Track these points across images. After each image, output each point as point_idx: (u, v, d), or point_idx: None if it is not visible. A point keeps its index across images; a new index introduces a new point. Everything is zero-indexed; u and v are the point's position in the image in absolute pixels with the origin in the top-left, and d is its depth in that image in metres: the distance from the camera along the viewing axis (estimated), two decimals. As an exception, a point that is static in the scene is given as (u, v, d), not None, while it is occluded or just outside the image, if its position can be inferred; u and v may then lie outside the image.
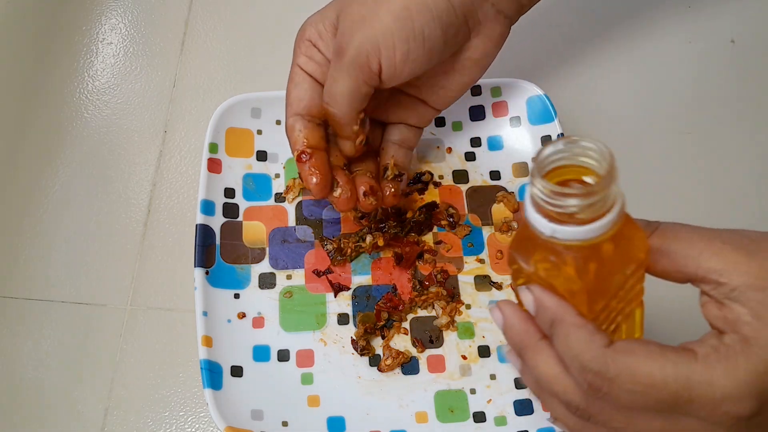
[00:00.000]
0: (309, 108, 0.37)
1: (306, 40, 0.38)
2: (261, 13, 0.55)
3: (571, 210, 0.23)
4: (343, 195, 0.38)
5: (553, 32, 0.53)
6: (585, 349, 0.24)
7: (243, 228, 0.43)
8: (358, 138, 0.37)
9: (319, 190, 0.37)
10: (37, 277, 0.45)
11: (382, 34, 0.34)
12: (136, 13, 0.55)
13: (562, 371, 0.26)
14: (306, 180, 0.37)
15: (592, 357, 0.24)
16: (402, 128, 0.41)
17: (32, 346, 0.42)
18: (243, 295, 0.41)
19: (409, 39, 0.34)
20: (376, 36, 0.34)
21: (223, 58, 0.53)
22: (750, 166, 0.49)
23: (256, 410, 0.37)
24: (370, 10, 0.34)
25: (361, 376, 0.39)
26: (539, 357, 0.26)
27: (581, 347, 0.24)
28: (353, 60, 0.34)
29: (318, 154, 0.37)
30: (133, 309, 0.44)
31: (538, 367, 0.26)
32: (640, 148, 0.49)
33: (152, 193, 0.48)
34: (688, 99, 0.52)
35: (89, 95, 0.51)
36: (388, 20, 0.33)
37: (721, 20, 0.54)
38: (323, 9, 0.37)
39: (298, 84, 0.38)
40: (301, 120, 0.37)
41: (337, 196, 0.38)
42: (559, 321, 0.25)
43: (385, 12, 0.34)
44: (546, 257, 0.26)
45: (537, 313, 0.26)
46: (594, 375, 0.24)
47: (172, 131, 0.50)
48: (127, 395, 0.41)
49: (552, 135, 0.44)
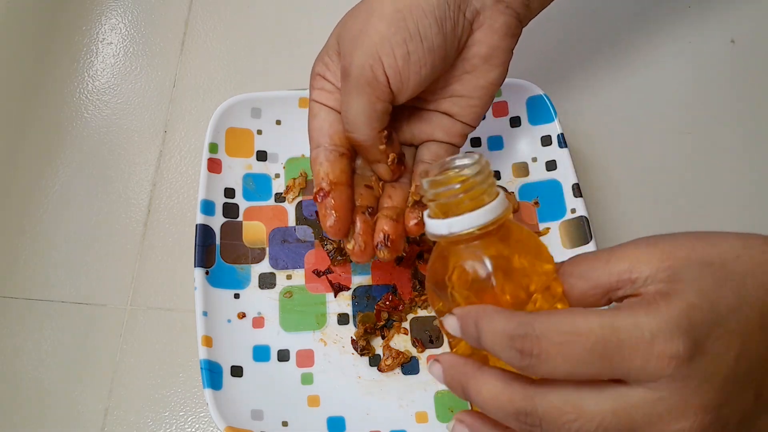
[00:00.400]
0: (331, 136, 0.36)
1: (316, 75, 0.37)
2: (261, 13, 0.55)
3: (455, 189, 0.27)
4: (357, 248, 0.36)
5: (553, 32, 0.53)
6: (508, 322, 0.25)
7: (243, 228, 0.43)
8: (389, 158, 0.36)
9: (334, 233, 0.36)
10: (37, 277, 0.45)
11: (379, 43, 0.33)
12: (136, 13, 0.55)
13: (504, 384, 0.25)
14: (322, 220, 0.36)
15: (516, 325, 0.24)
16: (431, 146, 0.38)
17: (32, 346, 0.42)
18: (243, 295, 0.41)
19: (406, 40, 0.33)
20: (373, 46, 0.33)
21: (223, 58, 0.53)
22: (750, 166, 0.49)
23: (256, 410, 0.37)
24: (364, 22, 0.34)
25: (361, 376, 0.39)
26: (480, 382, 0.26)
27: (504, 323, 0.25)
28: (358, 77, 0.33)
29: (339, 190, 0.35)
30: (133, 309, 0.44)
31: (481, 393, 0.26)
32: (640, 147, 0.49)
33: (152, 193, 0.48)
34: (688, 99, 0.52)
35: (89, 95, 0.51)
36: (381, 27, 0.33)
37: (721, 20, 0.54)
38: (327, 41, 0.37)
39: (316, 115, 0.37)
40: (324, 151, 0.36)
41: (351, 249, 0.36)
42: (481, 317, 0.25)
43: (378, 20, 0.33)
44: (455, 266, 0.28)
45: (463, 328, 0.26)
46: (522, 339, 0.24)
47: (172, 131, 0.50)
48: (127, 395, 0.41)
49: (552, 135, 0.44)
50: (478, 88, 0.36)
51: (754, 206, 0.47)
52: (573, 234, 0.42)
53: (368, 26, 0.33)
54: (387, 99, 0.34)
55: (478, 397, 0.26)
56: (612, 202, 0.47)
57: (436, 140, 0.38)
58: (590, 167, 0.48)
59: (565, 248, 0.42)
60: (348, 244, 0.36)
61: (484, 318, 0.25)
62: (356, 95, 0.34)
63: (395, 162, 0.36)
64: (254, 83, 0.52)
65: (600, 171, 0.48)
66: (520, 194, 0.45)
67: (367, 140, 0.35)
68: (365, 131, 0.35)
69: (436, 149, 0.38)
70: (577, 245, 0.41)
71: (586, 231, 0.41)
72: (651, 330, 0.23)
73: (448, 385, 0.27)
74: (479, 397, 0.26)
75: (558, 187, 0.44)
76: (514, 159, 0.46)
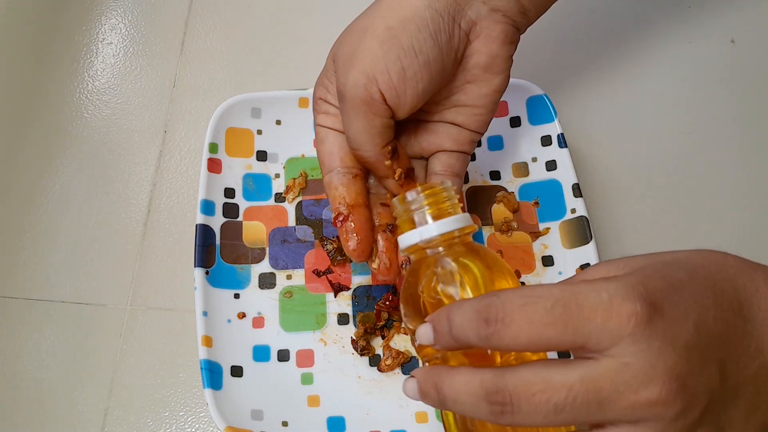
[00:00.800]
0: (342, 159, 0.37)
1: (318, 100, 0.37)
2: (261, 13, 0.55)
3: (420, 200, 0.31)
4: (383, 266, 0.36)
5: (553, 32, 0.53)
6: (477, 302, 0.25)
7: (243, 228, 0.43)
8: (396, 173, 0.36)
9: (357, 255, 0.36)
10: (37, 277, 0.45)
11: (372, 62, 0.33)
12: (136, 13, 0.55)
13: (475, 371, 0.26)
14: (344, 244, 0.36)
15: (481, 299, 0.25)
16: (441, 156, 0.38)
17: (32, 346, 0.42)
18: (243, 295, 0.41)
19: (399, 57, 0.33)
20: (366, 65, 0.33)
21: (223, 58, 0.53)
22: (750, 166, 0.49)
23: (256, 410, 0.37)
24: (357, 42, 0.34)
25: (361, 376, 0.39)
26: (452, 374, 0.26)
27: (470, 302, 0.26)
28: (353, 97, 0.34)
29: (357, 212, 0.36)
30: (133, 309, 0.44)
31: (453, 384, 0.26)
32: (640, 147, 0.49)
33: (152, 193, 0.48)
34: (688, 99, 0.52)
35: (89, 95, 0.51)
36: (374, 46, 0.33)
37: (721, 20, 0.54)
38: (324, 64, 0.37)
39: (323, 140, 0.37)
40: (337, 175, 0.36)
41: (376, 268, 0.36)
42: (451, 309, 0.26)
43: (370, 39, 0.33)
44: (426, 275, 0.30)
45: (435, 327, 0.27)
46: (487, 309, 0.25)
47: (172, 131, 0.50)
48: (127, 395, 0.41)
49: (552, 135, 0.44)
50: (482, 96, 0.36)
51: (754, 206, 0.47)
52: (573, 234, 0.42)
53: (361, 46, 0.33)
54: (385, 115, 0.34)
55: (450, 389, 0.26)
56: (612, 202, 0.47)
57: (445, 150, 0.38)
58: (590, 167, 0.48)
59: (565, 248, 0.42)
60: (372, 263, 0.36)
61: (453, 309, 0.26)
62: (354, 115, 0.34)
63: (402, 177, 0.36)
64: (254, 83, 0.52)
65: (600, 171, 0.48)
66: (520, 194, 0.45)
67: (372, 156, 0.35)
68: (368, 147, 0.35)
69: (446, 159, 0.38)
70: (577, 245, 0.41)
71: (586, 231, 0.41)
72: (609, 291, 0.24)
73: (423, 393, 0.28)
74: (451, 388, 0.26)
75: (558, 187, 0.44)
76: (514, 159, 0.46)
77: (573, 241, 0.42)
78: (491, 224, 0.44)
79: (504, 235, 0.44)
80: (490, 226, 0.44)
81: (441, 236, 0.30)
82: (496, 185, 0.45)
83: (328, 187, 0.37)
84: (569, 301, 0.24)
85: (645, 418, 0.23)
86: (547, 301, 0.24)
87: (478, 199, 0.45)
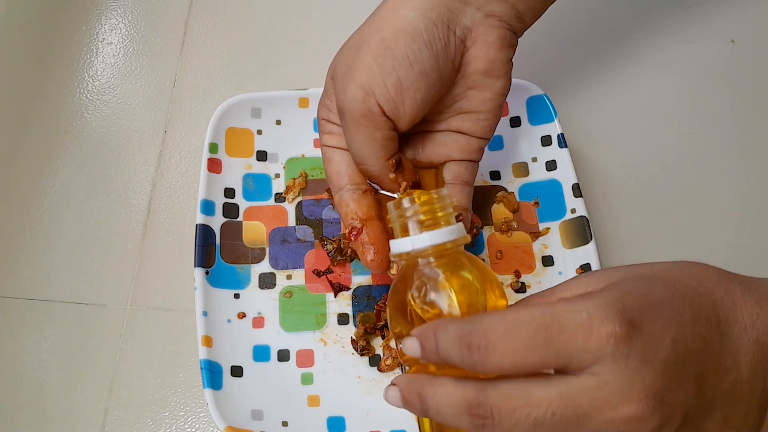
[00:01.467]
0: (350, 176, 0.37)
1: (321, 120, 0.37)
2: (261, 13, 0.55)
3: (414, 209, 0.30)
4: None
5: (553, 32, 0.53)
6: (461, 323, 0.26)
7: (243, 228, 0.43)
8: (401, 185, 0.36)
9: (376, 266, 0.36)
10: (37, 277, 0.45)
11: (368, 75, 0.33)
12: (136, 13, 0.55)
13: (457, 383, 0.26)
14: (362, 257, 0.36)
15: (466, 322, 0.26)
16: (451, 166, 0.38)
17: (32, 346, 0.42)
18: (243, 295, 0.41)
19: (394, 68, 0.33)
20: (363, 80, 0.33)
21: (223, 58, 0.53)
22: (749, 166, 0.49)
23: (256, 410, 0.37)
24: (353, 58, 0.34)
25: (361, 376, 0.39)
26: (435, 384, 0.26)
27: (457, 324, 0.26)
28: (352, 111, 0.34)
29: (370, 225, 0.36)
30: (133, 309, 0.44)
31: (435, 395, 0.26)
32: (640, 147, 0.49)
33: (152, 193, 0.48)
34: (688, 99, 0.52)
35: (89, 95, 0.51)
36: (369, 60, 0.33)
37: (721, 20, 0.54)
38: (324, 84, 0.37)
39: (330, 159, 0.37)
40: (347, 192, 0.37)
41: (395, 274, 0.36)
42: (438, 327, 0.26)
43: (365, 53, 0.33)
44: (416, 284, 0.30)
45: (422, 343, 0.27)
46: (470, 335, 0.25)
47: (172, 131, 0.50)
48: (127, 395, 0.41)
49: (552, 135, 0.44)
50: (485, 101, 0.36)
51: (753, 206, 0.47)
52: (573, 234, 0.42)
53: (357, 60, 0.33)
54: (386, 127, 0.34)
55: (432, 400, 0.26)
56: (612, 202, 0.47)
57: (454, 160, 0.38)
58: (590, 167, 0.48)
59: (565, 248, 0.42)
60: (392, 269, 0.36)
61: (439, 328, 0.26)
62: (354, 129, 0.34)
63: (406, 190, 0.36)
64: (254, 83, 0.52)
65: (600, 171, 0.48)
66: (520, 194, 0.45)
67: (376, 170, 0.35)
68: (372, 161, 0.35)
69: (455, 168, 0.38)
70: (577, 245, 0.42)
71: (586, 231, 0.41)
72: (588, 311, 0.24)
73: (406, 401, 0.28)
74: (434, 399, 0.26)
75: (558, 187, 0.44)
76: (515, 159, 0.46)
77: (573, 241, 0.42)
78: (491, 224, 0.44)
79: (504, 235, 0.44)
80: (490, 226, 0.44)
81: (433, 247, 0.30)
82: (496, 185, 0.45)
83: (339, 205, 0.37)
84: (551, 324, 0.24)
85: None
86: (529, 326, 0.24)
87: (478, 199, 0.45)
